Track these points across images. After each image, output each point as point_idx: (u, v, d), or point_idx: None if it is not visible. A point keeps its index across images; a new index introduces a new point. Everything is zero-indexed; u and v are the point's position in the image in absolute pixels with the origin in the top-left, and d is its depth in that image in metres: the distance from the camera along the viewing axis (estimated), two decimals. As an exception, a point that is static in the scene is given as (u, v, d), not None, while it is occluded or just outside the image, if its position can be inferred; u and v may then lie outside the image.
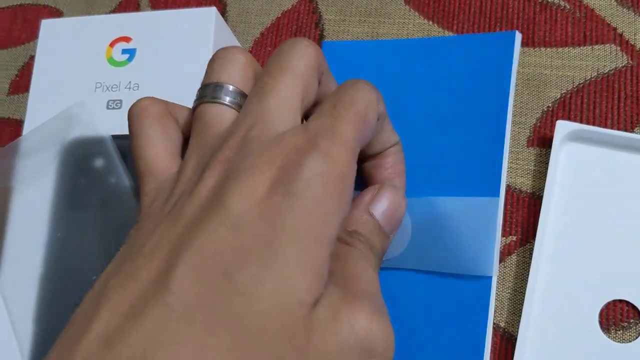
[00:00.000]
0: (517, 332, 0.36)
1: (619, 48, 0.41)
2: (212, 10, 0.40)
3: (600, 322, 0.36)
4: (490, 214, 0.30)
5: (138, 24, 0.42)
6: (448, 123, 0.33)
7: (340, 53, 0.38)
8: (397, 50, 0.36)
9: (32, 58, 0.50)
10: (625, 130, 0.40)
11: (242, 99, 0.27)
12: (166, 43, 0.41)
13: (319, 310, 0.22)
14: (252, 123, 0.24)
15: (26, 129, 0.42)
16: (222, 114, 0.26)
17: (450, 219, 0.31)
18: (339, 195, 0.23)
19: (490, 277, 0.30)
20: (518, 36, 0.34)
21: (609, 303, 0.36)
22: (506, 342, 0.37)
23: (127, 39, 0.41)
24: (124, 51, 0.41)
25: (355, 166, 0.24)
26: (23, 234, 0.40)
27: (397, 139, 0.33)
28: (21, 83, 0.50)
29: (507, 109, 0.32)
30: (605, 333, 0.36)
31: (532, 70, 0.42)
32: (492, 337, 0.35)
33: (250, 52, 0.46)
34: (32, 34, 0.51)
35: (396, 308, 0.31)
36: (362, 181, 0.33)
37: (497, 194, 0.30)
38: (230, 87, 0.27)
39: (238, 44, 0.45)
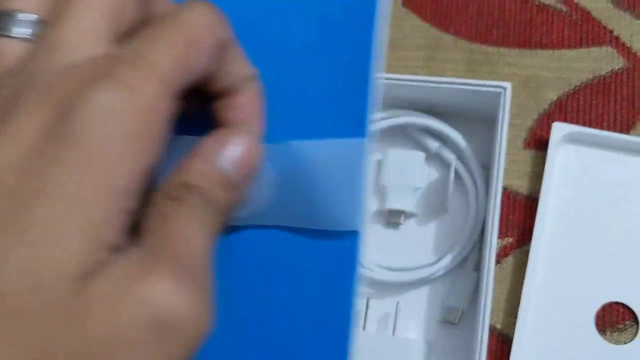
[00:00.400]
0: (513, 334, 0.36)
1: (615, 50, 0.42)
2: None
3: (597, 324, 0.36)
4: (359, 157, 0.26)
5: None
6: (309, 57, 0.29)
7: None
8: None
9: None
10: (622, 132, 0.40)
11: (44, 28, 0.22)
12: None
13: (99, 283, 0.18)
14: (42, 57, 0.20)
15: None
16: (7, 48, 0.21)
17: (315, 164, 0.27)
18: (138, 135, 0.19)
19: (358, 232, 0.26)
20: None
21: (605, 305, 0.37)
22: (502, 344, 0.37)
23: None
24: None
25: (171, 102, 0.20)
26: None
27: (252, 72, 0.27)
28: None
29: (372, 40, 0.28)
30: (601, 335, 0.36)
31: (529, 72, 0.42)
32: (489, 339, 0.35)
33: None
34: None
35: (257, 270, 0.28)
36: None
37: (363, 135, 0.26)
38: (20, 16, 0.22)
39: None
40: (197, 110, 0.28)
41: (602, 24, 0.42)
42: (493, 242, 0.34)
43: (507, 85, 0.36)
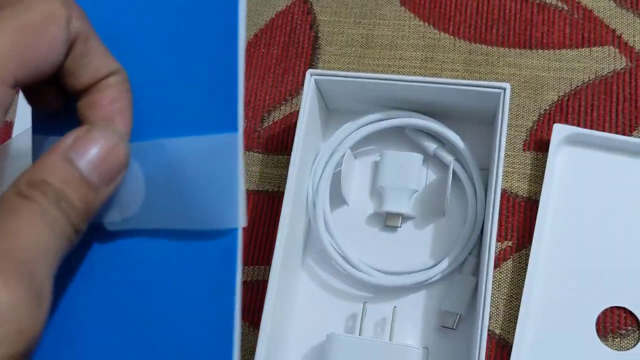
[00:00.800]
0: (513, 339, 0.35)
1: (617, 50, 0.41)
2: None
3: (598, 330, 0.35)
4: (231, 152, 0.25)
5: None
6: (175, 51, 0.28)
7: None
8: None
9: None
10: (623, 134, 0.39)
11: None
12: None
13: None
14: None
15: (16, 131, 0.41)
16: None
17: (187, 163, 0.26)
18: None
19: (237, 230, 0.25)
20: None
21: (606, 310, 0.36)
22: (501, 349, 0.36)
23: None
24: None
25: (5, 90, 0.20)
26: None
27: (116, 67, 0.27)
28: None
29: (237, 32, 0.26)
30: (602, 340, 0.35)
31: (529, 73, 0.41)
32: (487, 344, 0.35)
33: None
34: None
35: (133, 277, 0.27)
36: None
37: (235, 129, 0.25)
38: None
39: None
40: (67, 109, 0.27)
41: (604, 23, 0.41)
42: (492, 246, 0.33)
43: (507, 85, 0.35)
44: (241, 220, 0.25)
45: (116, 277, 0.27)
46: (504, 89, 0.35)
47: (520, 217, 0.38)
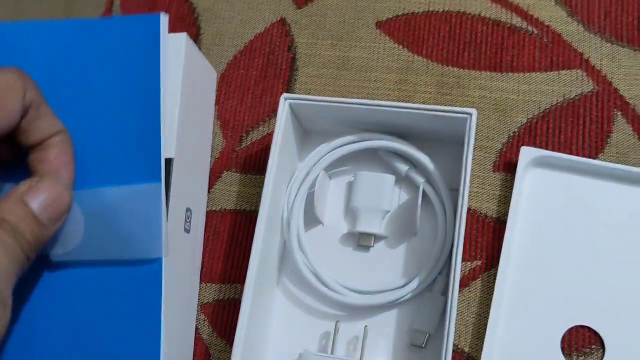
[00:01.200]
0: (481, 357, 0.36)
1: (585, 73, 0.42)
2: (183, 36, 0.41)
3: (563, 348, 0.36)
4: (155, 199, 0.33)
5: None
6: (106, 110, 0.35)
7: (5, 36, 0.36)
8: (53, 33, 0.35)
9: None
10: (590, 156, 0.40)
11: None
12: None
13: None
14: None
15: None
16: None
17: (119, 208, 0.33)
18: None
19: (161, 259, 0.33)
20: (164, 19, 0.35)
21: (571, 329, 0.37)
22: (470, 367, 0.37)
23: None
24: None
25: None
26: None
27: (60, 128, 0.33)
28: None
29: (159, 94, 0.34)
30: (567, 359, 0.36)
31: (500, 95, 0.42)
32: (457, 362, 0.35)
33: (223, 74, 0.47)
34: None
35: (74, 303, 0.33)
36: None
37: (158, 180, 0.33)
38: None
39: (211, 68, 0.46)
40: (19, 161, 0.33)
41: (573, 47, 0.43)
42: (458, 266, 0.34)
43: (473, 112, 0.36)
44: (164, 252, 0.33)
45: (59, 297, 0.34)
46: (471, 115, 0.36)
47: (490, 237, 0.39)
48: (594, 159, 0.40)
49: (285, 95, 0.39)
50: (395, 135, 0.40)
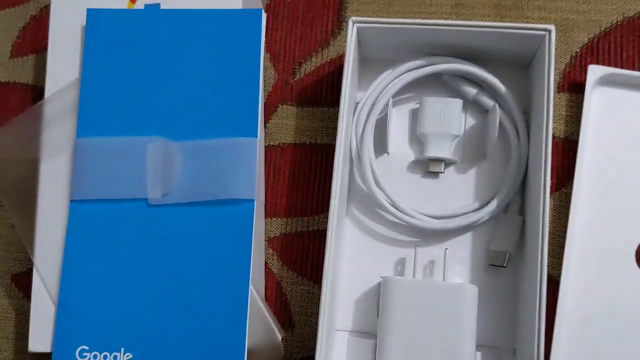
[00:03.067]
0: (559, 273, 0.37)
1: (643, -9, 0.42)
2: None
3: (637, 259, 0.37)
4: (252, 150, 0.38)
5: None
6: (212, 82, 0.39)
7: (106, 21, 0.40)
8: (160, 20, 0.40)
9: (33, 18, 0.48)
10: (653, 73, 0.40)
11: None
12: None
13: None
14: None
15: (48, 92, 0.40)
16: None
17: (220, 155, 0.38)
18: None
19: (253, 200, 0.37)
20: (264, 15, 0.40)
21: (644, 241, 0.38)
22: (548, 284, 0.38)
23: (149, -6, 0.40)
24: (147, 7, 0.40)
25: None
26: (54, 207, 0.39)
27: None
28: (24, 44, 0.47)
29: (259, 76, 0.39)
30: (642, 270, 0.37)
31: (559, 16, 0.42)
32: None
33: (268, 4, 0.45)
34: (31, -8, 0.48)
35: (171, 242, 0.37)
36: None
37: (255, 135, 0.38)
38: None
39: (261, 4, 0.44)
40: None
41: (629, -35, 0.42)
42: (547, 186, 0.34)
43: (552, 27, 0.36)
44: (255, 195, 0.37)
45: (157, 237, 0.38)
46: (549, 31, 0.36)
47: (559, 157, 0.40)
48: (657, 75, 0.40)
49: (353, 18, 0.38)
50: (459, 58, 0.40)
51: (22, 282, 0.43)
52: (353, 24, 0.38)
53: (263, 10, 0.40)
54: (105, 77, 0.39)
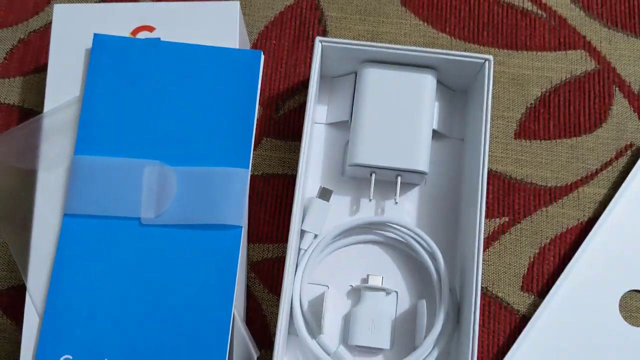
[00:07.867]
0: (512, 305, 0.41)
1: (587, 53, 0.48)
2: (236, 4, 0.42)
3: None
4: (243, 180, 0.40)
5: (161, 13, 0.43)
6: (208, 114, 0.41)
7: (112, 47, 0.42)
8: (164, 51, 0.42)
9: (21, 41, 0.49)
10: (595, 126, 0.46)
11: None
12: (190, 33, 0.42)
13: None
14: None
15: (47, 106, 0.42)
16: None
17: (213, 182, 0.40)
18: None
19: (241, 227, 0.39)
20: (262, 56, 0.43)
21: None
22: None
23: (150, 28, 0.42)
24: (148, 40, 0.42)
25: None
26: (49, 219, 0.40)
27: None
28: (10, 67, 0.49)
29: (254, 110, 0.41)
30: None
31: (516, 71, 0.47)
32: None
33: (255, 44, 0.48)
34: (21, 16, 0.50)
35: (159, 261, 0.39)
36: None
37: (247, 167, 0.40)
38: None
39: (247, 38, 0.47)
40: None
41: (576, 30, 0.48)
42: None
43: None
44: (244, 222, 0.40)
45: (147, 256, 0.39)
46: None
47: (514, 197, 0.45)
48: (598, 129, 0.46)
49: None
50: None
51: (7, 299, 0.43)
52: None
53: (262, 52, 0.43)
54: (107, 99, 0.41)
